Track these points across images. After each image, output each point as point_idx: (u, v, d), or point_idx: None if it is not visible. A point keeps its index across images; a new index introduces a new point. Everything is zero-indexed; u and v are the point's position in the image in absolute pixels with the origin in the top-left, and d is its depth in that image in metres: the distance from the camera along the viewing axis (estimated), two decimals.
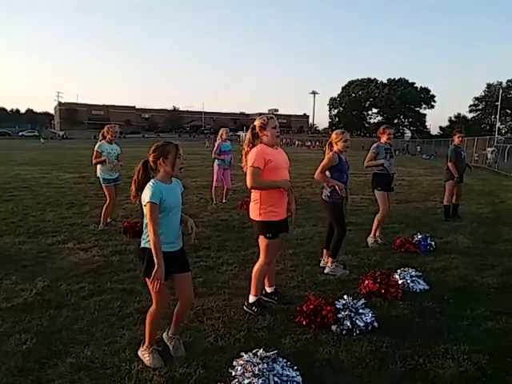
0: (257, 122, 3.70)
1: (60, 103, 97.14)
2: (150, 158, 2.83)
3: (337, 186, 4.70)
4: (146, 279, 2.83)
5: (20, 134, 71.36)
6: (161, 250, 2.71)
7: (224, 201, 9.42)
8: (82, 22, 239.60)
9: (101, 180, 6.71)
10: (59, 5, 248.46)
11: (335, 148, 4.90)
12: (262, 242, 3.75)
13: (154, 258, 2.70)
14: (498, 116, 67.72)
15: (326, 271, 4.87)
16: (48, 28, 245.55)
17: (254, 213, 3.72)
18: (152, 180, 2.80)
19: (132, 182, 2.86)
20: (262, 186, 3.60)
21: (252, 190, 3.70)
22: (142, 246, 2.85)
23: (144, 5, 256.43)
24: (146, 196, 2.72)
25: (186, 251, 3.10)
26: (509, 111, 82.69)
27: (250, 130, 3.74)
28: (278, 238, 3.75)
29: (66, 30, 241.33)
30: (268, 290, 4.08)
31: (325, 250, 5.09)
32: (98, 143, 6.67)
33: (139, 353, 3.00)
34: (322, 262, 5.07)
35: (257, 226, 3.76)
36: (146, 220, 2.74)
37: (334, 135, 4.96)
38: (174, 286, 2.98)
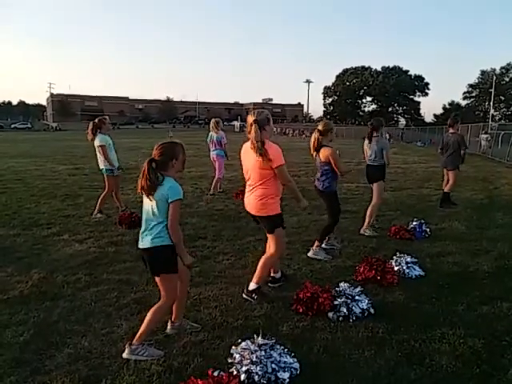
0: (262, 117, 3.59)
1: (52, 94, 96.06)
2: (159, 159, 2.80)
3: None
4: (162, 276, 2.86)
5: (12, 126, 70.55)
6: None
7: (219, 190, 9.42)
8: (72, 11, 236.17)
9: (104, 171, 6.88)
10: None
11: (327, 138, 4.88)
12: (279, 234, 3.76)
13: (183, 249, 2.84)
14: (491, 103, 67.85)
15: (309, 254, 4.97)
16: (38, 18, 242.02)
17: (270, 207, 3.68)
18: (169, 178, 2.81)
19: (143, 178, 2.75)
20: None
21: (268, 186, 3.64)
22: (159, 244, 2.79)
23: None
24: (175, 193, 2.75)
25: (183, 241, 3.09)
26: (502, 98, 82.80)
27: (256, 124, 3.51)
28: None
29: (57, 20, 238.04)
30: (276, 275, 4.17)
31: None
32: (101, 136, 6.72)
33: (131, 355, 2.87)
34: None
35: (272, 221, 3.72)
36: (158, 216, 2.77)
37: (324, 126, 4.89)
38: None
